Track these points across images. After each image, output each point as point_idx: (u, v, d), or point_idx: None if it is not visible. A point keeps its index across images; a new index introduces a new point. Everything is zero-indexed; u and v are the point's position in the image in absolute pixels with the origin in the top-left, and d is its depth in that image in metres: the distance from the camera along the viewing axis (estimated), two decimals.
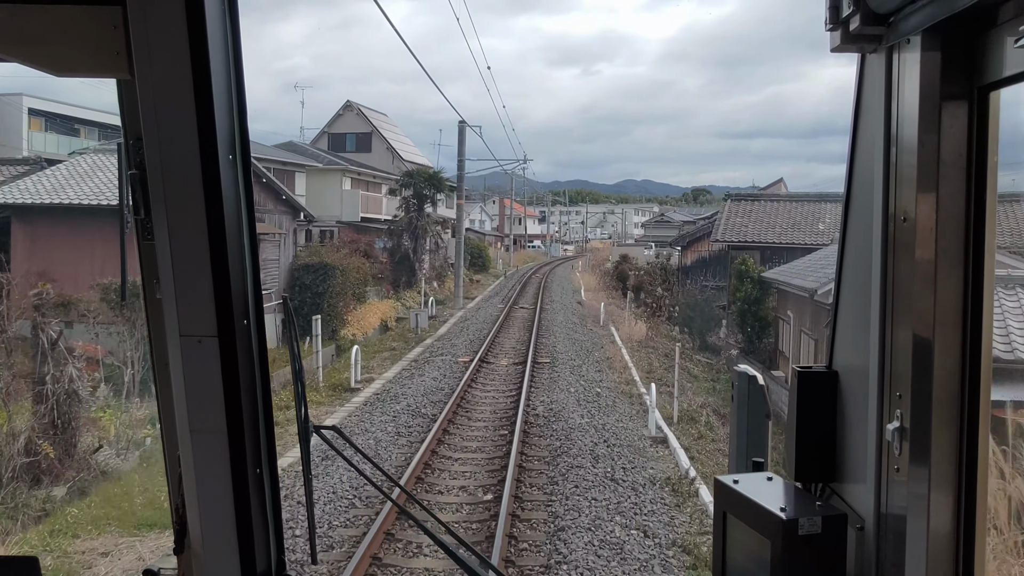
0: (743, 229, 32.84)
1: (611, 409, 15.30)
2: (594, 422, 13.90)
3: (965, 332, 1.32)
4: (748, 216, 33.66)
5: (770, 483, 1.58)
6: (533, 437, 12.79)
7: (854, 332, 1.50)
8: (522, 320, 28.44)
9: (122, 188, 1.63)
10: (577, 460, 11.59)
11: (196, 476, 1.60)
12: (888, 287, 1.37)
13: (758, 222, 33.22)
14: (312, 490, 2.05)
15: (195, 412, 1.57)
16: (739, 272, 27.01)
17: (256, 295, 1.63)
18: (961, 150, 1.29)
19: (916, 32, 1.27)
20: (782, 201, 35.36)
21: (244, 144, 1.56)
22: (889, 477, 1.39)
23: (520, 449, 11.80)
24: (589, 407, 15.11)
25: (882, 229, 1.38)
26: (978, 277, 1.31)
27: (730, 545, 1.56)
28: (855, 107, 1.48)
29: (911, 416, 1.33)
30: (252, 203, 1.64)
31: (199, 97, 1.43)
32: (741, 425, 2.30)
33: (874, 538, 1.42)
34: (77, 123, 37.75)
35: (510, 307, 32.32)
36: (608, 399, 16.20)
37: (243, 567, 1.64)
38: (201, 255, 1.50)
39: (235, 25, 1.53)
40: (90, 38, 1.49)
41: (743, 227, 32.97)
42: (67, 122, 37.25)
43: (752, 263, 27.49)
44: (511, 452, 11.41)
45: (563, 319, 29.19)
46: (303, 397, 1.76)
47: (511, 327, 26.48)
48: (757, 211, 34.03)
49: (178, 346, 1.54)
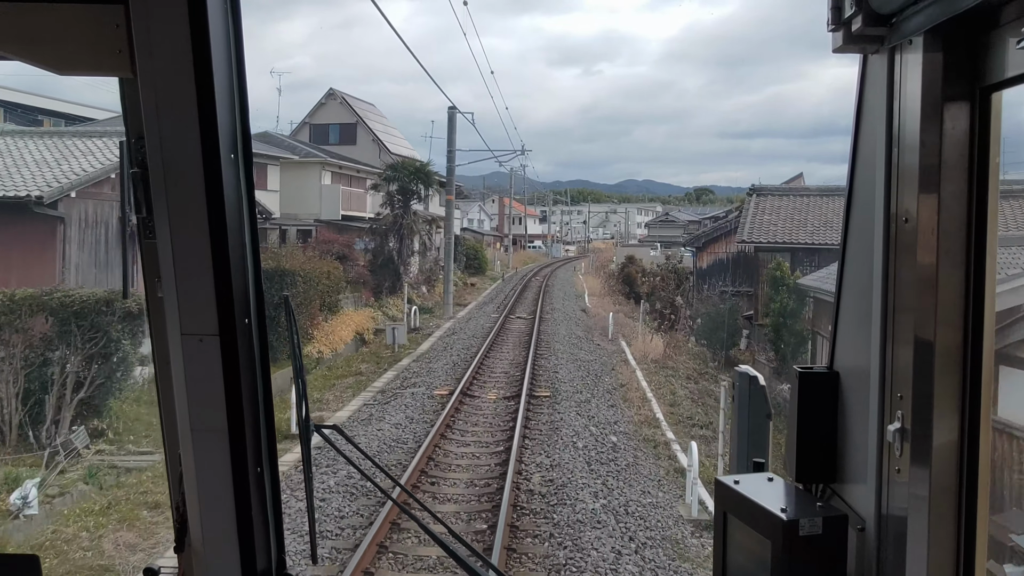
0: (771, 228, 28.73)
1: (632, 472, 11.22)
2: (612, 502, 9.72)
3: (966, 333, 1.32)
4: (776, 213, 29.55)
5: (771, 484, 1.59)
6: (523, 540, 8.56)
7: (855, 333, 1.51)
8: (518, 334, 24.33)
9: (124, 187, 1.62)
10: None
11: (197, 474, 1.62)
12: (890, 288, 1.38)
13: (787, 219, 29.09)
14: (313, 489, 2.00)
15: (196, 411, 1.59)
16: (773, 279, 23.00)
17: (258, 294, 1.65)
18: (963, 151, 1.29)
19: (918, 33, 1.28)
20: (812, 196, 31.22)
21: (246, 143, 1.58)
22: (890, 478, 1.39)
23: (504, 567, 7.72)
24: (603, 473, 10.95)
25: (884, 230, 1.39)
26: (980, 278, 1.31)
27: (730, 546, 1.56)
28: (857, 108, 1.49)
29: (912, 417, 1.34)
30: (254, 202, 1.65)
31: (201, 96, 1.44)
32: (742, 425, 2.28)
33: (875, 539, 1.42)
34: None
35: (505, 316, 28.19)
36: (627, 453, 12.11)
37: (243, 565, 1.66)
38: (203, 254, 1.51)
39: (237, 24, 1.54)
40: (92, 37, 1.49)
41: (771, 225, 28.86)
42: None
43: (787, 268, 23.51)
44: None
45: (566, 332, 25.12)
46: (305, 396, 1.79)
47: (505, 343, 22.43)
48: (786, 207, 29.91)
49: (179, 344, 1.56)
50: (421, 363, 19.35)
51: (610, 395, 16.31)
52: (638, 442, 12.99)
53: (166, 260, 1.52)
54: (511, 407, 14.32)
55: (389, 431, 12.76)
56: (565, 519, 9.05)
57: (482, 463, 11.25)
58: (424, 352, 21.14)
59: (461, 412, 14.07)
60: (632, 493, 10.23)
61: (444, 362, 19.11)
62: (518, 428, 12.47)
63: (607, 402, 15.56)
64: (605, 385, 17.25)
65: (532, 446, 11.99)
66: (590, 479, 10.59)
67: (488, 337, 22.60)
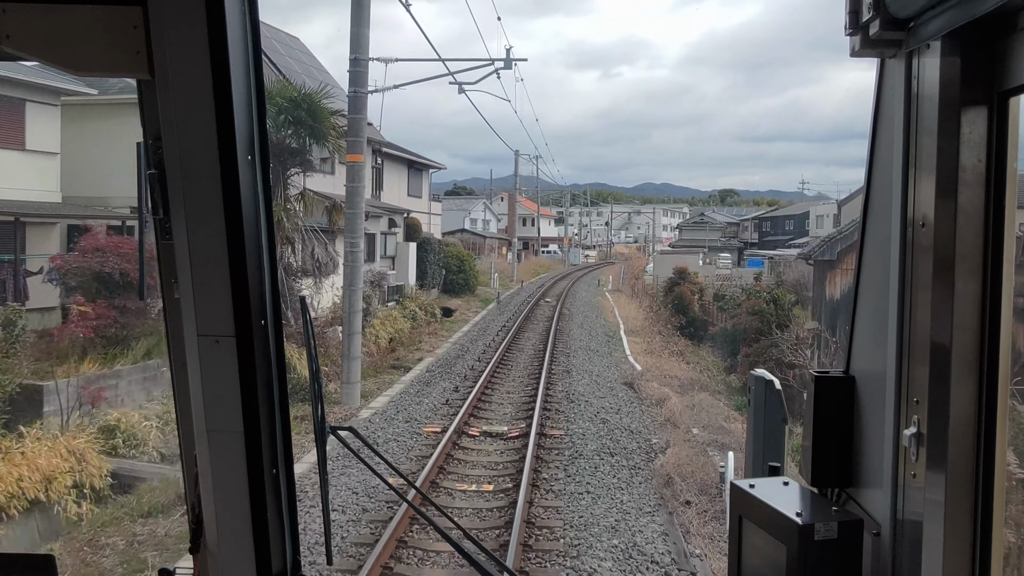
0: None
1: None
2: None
3: (983, 338, 1.31)
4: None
5: (786, 488, 1.57)
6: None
7: (872, 337, 1.51)
8: (486, 496, 9.60)
9: (141, 188, 1.62)
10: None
11: (212, 475, 1.62)
12: (906, 292, 1.38)
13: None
14: (328, 490, 1.95)
15: (212, 412, 1.60)
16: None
17: (274, 295, 1.65)
18: (980, 155, 1.29)
19: (936, 37, 1.27)
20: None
21: (263, 144, 1.60)
22: (906, 483, 1.38)
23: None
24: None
25: (900, 234, 1.38)
26: (996, 283, 1.30)
27: (746, 550, 1.55)
28: (874, 112, 1.49)
29: (928, 422, 1.33)
30: (270, 203, 1.65)
31: (218, 97, 1.45)
32: (758, 430, 2.24)
33: (890, 544, 1.41)
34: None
35: (470, 410, 13.65)
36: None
37: (259, 566, 1.66)
38: (219, 255, 1.51)
39: (255, 26, 1.54)
40: (110, 38, 1.50)
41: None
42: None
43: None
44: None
45: (612, 481, 10.25)
46: (320, 398, 1.78)
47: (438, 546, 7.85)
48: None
49: (195, 345, 1.56)
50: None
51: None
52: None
53: (183, 261, 1.53)
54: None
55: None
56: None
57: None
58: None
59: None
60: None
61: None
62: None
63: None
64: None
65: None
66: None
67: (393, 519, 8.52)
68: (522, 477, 9.93)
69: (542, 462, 11.14)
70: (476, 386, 15.52)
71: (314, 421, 1.77)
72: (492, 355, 19.56)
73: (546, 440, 12.19)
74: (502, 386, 16.50)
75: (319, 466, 1.87)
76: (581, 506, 9.46)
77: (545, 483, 10.28)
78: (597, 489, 10.12)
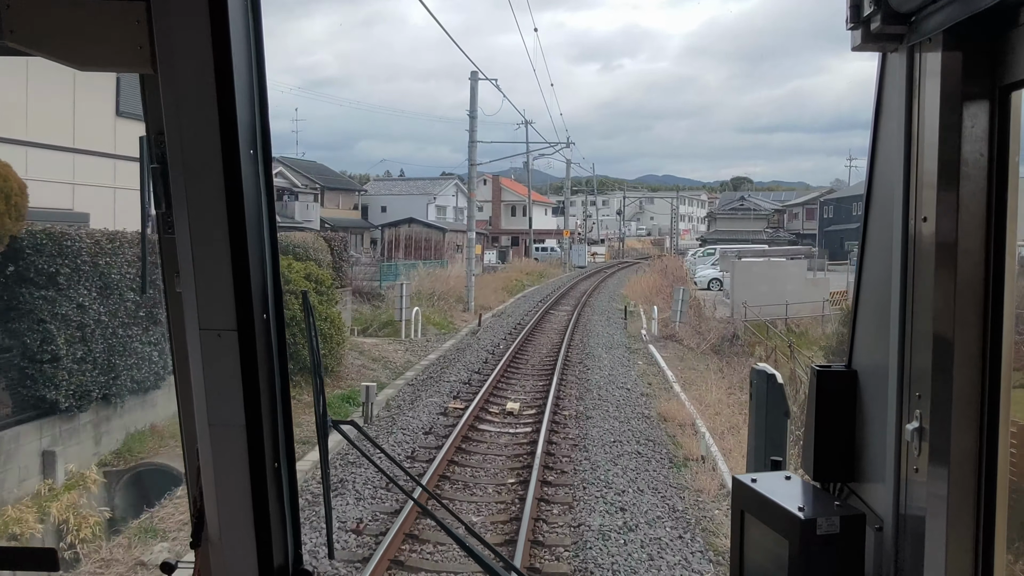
0: None
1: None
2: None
3: (985, 332, 1.31)
4: None
5: (788, 482, 1.58)
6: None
7: (874, 331, 1.51)
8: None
9: (143, 182, 1.62)
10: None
11: (214, 470, 1.62)
12: (908, 287, 1.38)
13: None
14: (330, 484, 1.96)
15: (214, 406, 1.59)
16: None
17: (276, 289, 1.65)
18: (982, 150, 1.29)
19: (937, 31, 1.27)
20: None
21: (265, 139, 1.60)
22: (908, 477, 1.38)
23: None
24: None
25: (902, 228, 1.38)
26: (999, 278, 1.30)
27: (748, 544, 1.56)
28: (876, 106, 1.49)
29: (930, 416, 1.33)
30: (273, 198, 1.66)
31: (221, 92, 1.45)
32: (759, 424, 2.31)
33: (892, 538, 1.42)
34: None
35: None
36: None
37: (260, 561, 1.66)
38: (221, 249, 1.51)
39: (257, 20, 1.55)
40: (113, 33, 1.50)
41: None
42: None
43: None
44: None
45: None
46: (322, 392, 1.80)
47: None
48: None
49: (197, 340, 1.56)
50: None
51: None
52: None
53: (185, 255, 1.53)
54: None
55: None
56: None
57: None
58: None
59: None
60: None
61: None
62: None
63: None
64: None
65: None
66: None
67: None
68: None
69: None
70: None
71: (316, 415, 1.79)
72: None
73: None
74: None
75: (321, 460, 1.87)
76: None
77: None
78: None
